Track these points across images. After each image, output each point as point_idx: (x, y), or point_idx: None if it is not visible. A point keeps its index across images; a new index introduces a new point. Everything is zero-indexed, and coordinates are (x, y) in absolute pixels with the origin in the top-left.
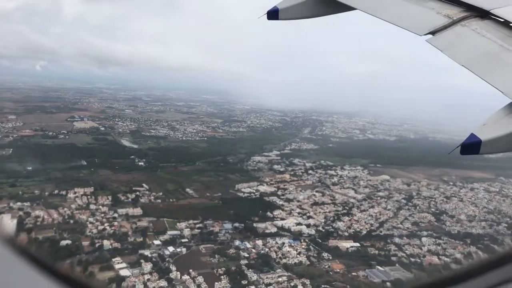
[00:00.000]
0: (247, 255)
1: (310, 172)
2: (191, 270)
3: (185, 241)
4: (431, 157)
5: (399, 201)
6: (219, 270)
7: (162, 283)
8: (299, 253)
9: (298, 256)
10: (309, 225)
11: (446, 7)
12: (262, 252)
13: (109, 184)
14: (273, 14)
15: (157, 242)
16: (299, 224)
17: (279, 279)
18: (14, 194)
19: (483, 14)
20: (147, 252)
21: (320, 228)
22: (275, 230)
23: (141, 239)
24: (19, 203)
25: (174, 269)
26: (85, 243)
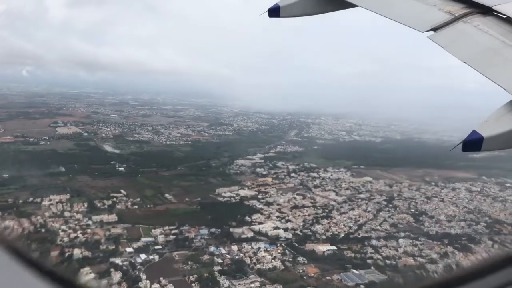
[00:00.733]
0: (221, 261)
1: (292, 175)
2: (162, 278)
3: (158, 248)
4: (415, 158)
5: (379, 203)
6: (191, 277)
7: None
8: (274, 258)
9: (273, 261)
10: (286, 229)
11: (448, 4)
12: (236, 257)
13: (87, 190)
14: (275, 11)
15: (129, 249)
16: (276, 228)
17: (252, 285)
18: None
19: (485, 10)
20: (118, 260)
21: (298, 231)
22: (251, 235)
23: (114, 247)
24: None
25: (144, 277)
26: (54, 253)
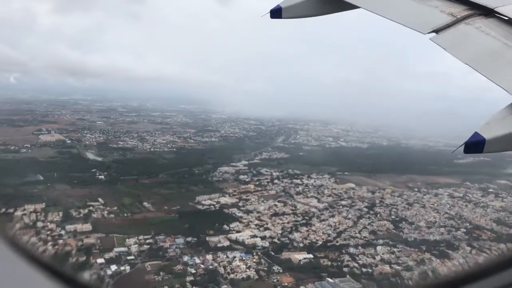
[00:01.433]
0: (194, 271)
1: (275, 181)
2: None
3: (131, 258)
4: (400, 164)
5: (360, 210)
6: None
7: None
8: (249, 267)
9: (247, 270)
10: (264, 237)
11: (450, 5)
12: (210, 267)
13: (64, 199)
14: (276, 12)
15: (100, 260)
16: (254, 236)
17: None
18: None
19: (487, 12)
20: (86, 273)
21: (275, 240)
22: (228, 243)
23: (84, 258)
24: None
25: None
26: None
